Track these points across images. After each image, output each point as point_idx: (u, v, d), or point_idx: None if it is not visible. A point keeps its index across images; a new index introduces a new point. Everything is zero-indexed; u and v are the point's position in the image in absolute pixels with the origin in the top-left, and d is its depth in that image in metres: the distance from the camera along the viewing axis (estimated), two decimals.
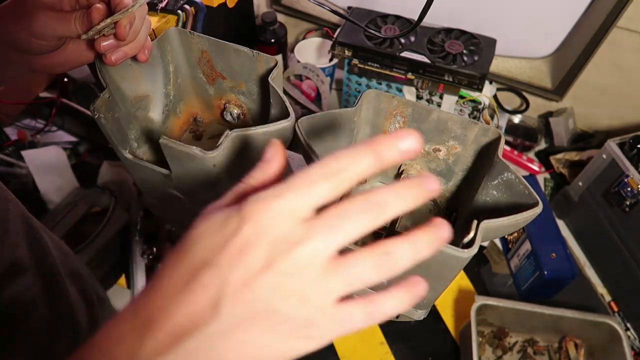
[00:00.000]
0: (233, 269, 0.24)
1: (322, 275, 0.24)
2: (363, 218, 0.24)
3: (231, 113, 0.59)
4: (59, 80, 1.19)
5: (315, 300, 0.24)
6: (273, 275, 0.24)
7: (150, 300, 0.25)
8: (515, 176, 0.41)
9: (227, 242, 0.24)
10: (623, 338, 0.80)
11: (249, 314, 0.24)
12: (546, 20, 1.04)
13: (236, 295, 0.24)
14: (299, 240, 0.24)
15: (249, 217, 0.24)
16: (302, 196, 0.24)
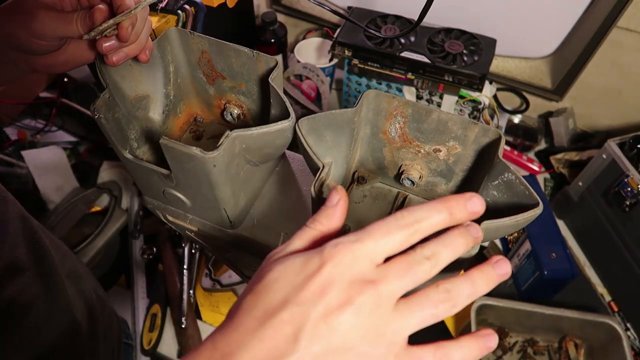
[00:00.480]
0: (314, 305, 0.25)
1: (395, 313, 0.26)
2: (425, 267, 0.27)
3: (231, 113, 0.59)
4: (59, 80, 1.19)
5: (389, 338, 0.26)
6: (351, 312, 0.25)
7: (229, 336, 0.26)
8: (516, 176, 0.41)
9: (309, 281, 0.26)
10: (623, 338, 0.80)
11: (326, 350, 0.25)
12: (546, 20, 1.04)
13: (315, 331, 0.25)
14: (376, 280, 0.26)
15: (330, 258, 0.26)
16: (379, 243, 0.27)
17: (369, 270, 0.26)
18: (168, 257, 0.96)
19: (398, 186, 0.56)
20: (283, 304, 0.25)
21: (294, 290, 0.26)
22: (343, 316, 0.25)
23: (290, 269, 0.27)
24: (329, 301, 0.25)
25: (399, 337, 0.26)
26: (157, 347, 0.88)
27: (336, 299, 0.25)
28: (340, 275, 0.25)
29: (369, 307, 0.25)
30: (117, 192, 1.07)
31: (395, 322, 0.26)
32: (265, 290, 0.26)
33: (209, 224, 0.57)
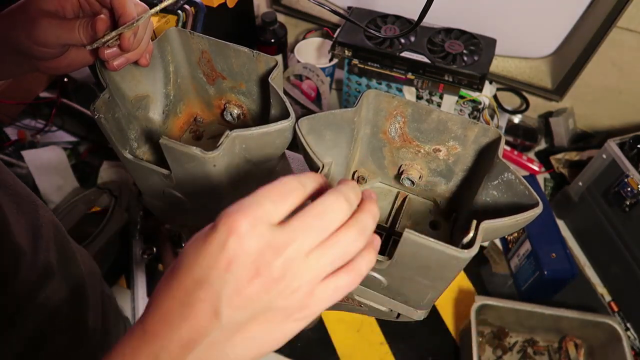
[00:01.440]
0: (225, 282, 0.26)
1: (305, 266, 0.27)
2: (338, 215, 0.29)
3: (231, 113, 0.59)
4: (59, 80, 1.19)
5: (304, 288, 0.28)
6: (262, 280, 0.26)
7: (156, 317, 0.27)
8: (516, 176, 0.41)
9: (216, 258, 0.26)
10: (623, 338, 0.80)
11: (247, 316, 0.27)
12: (546, 20, 1.04)
13: (232, 303, 0.26)
14: (281, 245, 0.26)
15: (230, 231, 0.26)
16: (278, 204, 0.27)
17: (270, 234, 0.27)
18: (168, 257, 0.96)
19: (398, 186, 0.56)
20: (198, 283, 0.26)
21: (204, 269, 0.26)
22: (254, 286, 0.26)
23: (200, 247, 0.27)
24: (237, 277, 0.26)
25: (313, 284, 0.28)
26: None
27: (245, 273, 0.26)
28: (244, 248, 0.26)
29: (277, 272, 0.26)
30: (117, 192, 1.07)
31: (307, 274, 0.27)
32: (178, 270, 0.28)
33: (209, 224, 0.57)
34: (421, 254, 0.38)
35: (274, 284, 0.27)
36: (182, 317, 0.26)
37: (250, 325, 0.27)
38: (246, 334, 0.27)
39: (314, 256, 0.28)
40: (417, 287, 0.44)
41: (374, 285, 0.47)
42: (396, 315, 0.53)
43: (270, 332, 0.28)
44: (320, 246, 0.28)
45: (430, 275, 0.41)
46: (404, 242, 0.37)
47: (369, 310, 0.54)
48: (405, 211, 0.54)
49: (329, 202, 0.28)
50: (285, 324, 0.28)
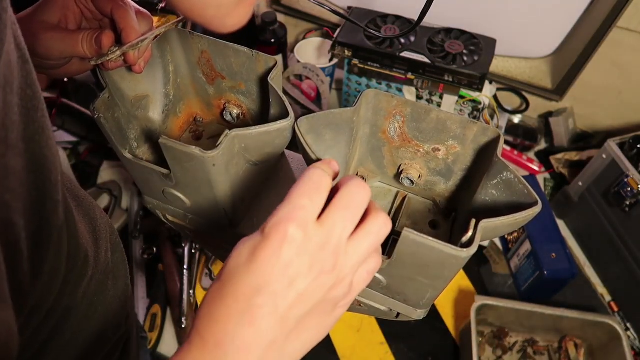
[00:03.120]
0: (282, 286, 0.28)
1: (348, 256, 0.30)
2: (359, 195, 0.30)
3: (231, 113, 0.59)
4: (59, 80, 1.19)
5: (349, 276, 0.30)
6: (317, 277, 0.28)
7: (215, 327, 0.28)
8: (515, 176, 0.41)
9: (271, 265, 0.28)
10: (623, 338, 0.80)
11: (304, 313, 0.29)
12: (546, 20, 1.04)
13: (291, 305, 0.28)
14: (327, 241, 0.29)
15: (280, 240, 0.28)
16: (314, 199, 0.29)
17: (317, 233, 0.28)
18: (168, 257, 0.96)
19: (397, 185, 0.56)
20: (255, 290, 0.28)
21: (260, 276, 0.28)
22: (310, 285, 0.28)
23: (252, 256, 0.28)
24: (294, 279, 0.28)
25: (356, 269, 0.31)
26: (157, 347, 0.88)
27: (301, 274, 0.28)
28: (298, 252, 0.28)
29: (329, 268, 0.29)
30: (117, 192, 1.07)
31: (352, 262, 0.30)
32: (230, 280, 0.29)
33: (209, 224, 0.57)
34: (420, 253, 0.38)
35: (327, 279, 0.29)
36: (242, 323, 0.28)
37: (305, 320, 0.29)
38: (302, 329, 0.30)
39: (353, 245, 0.30)
40: (417, 286, 0.44)
41: (374, 284, 0.47)
42: (396, 315, 0.53)
43: (322, 323, 0.31)
44: (357, 234, 0.30)
45: (430, 275, 0.41)
46: (403, 241, 0.37)
47: (369, 309, 0.54)
48: (405, 211, 0.55)
49: (353, 190, 0.30)
50: (334, 313, 0.31)
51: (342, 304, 0.32)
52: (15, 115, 0.24)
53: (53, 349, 0.37)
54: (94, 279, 0.42)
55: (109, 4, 0.42)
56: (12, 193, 0.24)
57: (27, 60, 0.27)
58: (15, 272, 0.26)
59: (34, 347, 0.35)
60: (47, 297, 0.33)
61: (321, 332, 0.31)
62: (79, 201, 0.43)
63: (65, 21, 0.43)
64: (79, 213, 0.42)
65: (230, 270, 0.29)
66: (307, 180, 0.30)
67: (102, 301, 0.44)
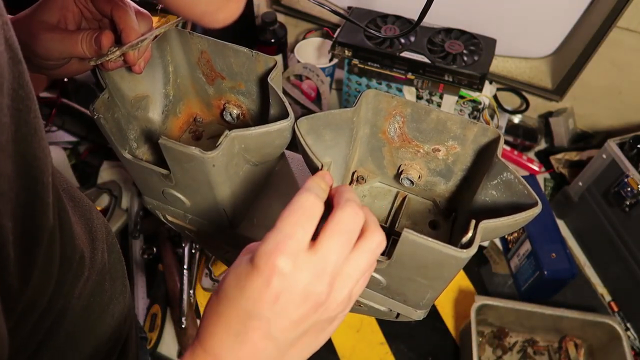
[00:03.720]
0: (273, 313, 0.28)
1: (344, 281, 0.30)
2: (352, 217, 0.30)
3: (231, 113, 0.59)
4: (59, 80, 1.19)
5: (346, 297, 0.30)
6: (310, 305, 0.29)
7: (215, 341, 0.30)
8: (515, 176, 0.41)
9: (261, 294, 0.28)
10: (623, 338, 0.80)
11: (299, 334, 0.30)
12: (546, 20, 1.04)
13: (284, 329, 0.29)
14: (320, 270, 0.28)
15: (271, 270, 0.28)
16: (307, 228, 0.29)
17: (309, 263, 0.28)
18: (168, 257, 0.96)
19: (397, 186, 0.56)
20: (248, 314, 0.28)
21: (251, 302, 0.28)
22: (303, 311, 0.29)
23: (243, 283, 0.29)
24: (286, 307, 0.28)
25: (350, 290, 0.31)
26: (157, 347, 0.88)
27: (292, 303, 0.28)
28: (288, 283, 0.28)
29: (323, 297, 0.29)
30: (117, 192, 1.07)
31: (349, 284, 0.30)
32: (225, 300, 0.30)
33: (209, 224, 0.57)
34: (420, 253, 0.38)
35: (320, 305, 0.29)
36: (238, 342, 0.29)
37: (302, 339, 0.30)
38: (298, 347, 0.31)
39: (350, 266, 0.30)
40: (416, 286, 0.44)
41: (374, 285, 0.47)
42: (395, 315, 0.53)
43: (319, 337, 0.32)
44: (353, 255, 0.30)
45: (429, 275, 0.41)
46: (403, 242, 0.37)
47: (369, 310, 0.54)
48: (405, 211, 0.54)
49: (349, 213, 0.30)
50: (330, 326, 0.32)
51: (340, 317, 0.32)
52: (5, 117, 0.24)
53: (49, 350, 0.37)
54: (90, 280, 0.41)
55: (109, 4, 0.42)
56: (1, 197, 0.24)
57: (20, 60, 0.26)
58: (2, 275, 0.25)
59: (29, 348, 0.35)
60: (39, 299, 0.33)
61: (318, 344, 0.32)
62: (75, 202, 0.43)
63: (65, 21, 0.42)
64: (75, 214, 0.42)
65: (225, 290, 0.30)
66: (298, 206, 0.29)
67: (99, 302, 0.44)
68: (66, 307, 0.38)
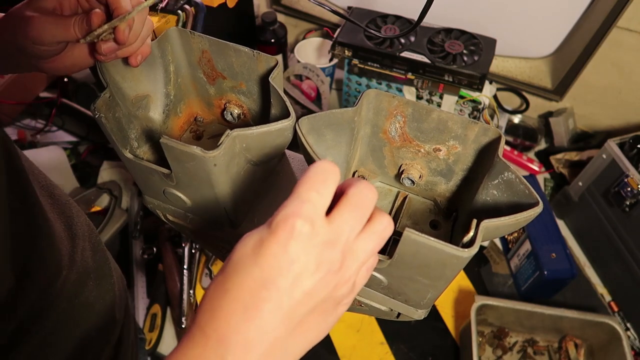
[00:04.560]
0: (288, 281, 0.27)
1: (355, 256, 0.29)
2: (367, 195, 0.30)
3: (231, 113, 0.59)
4: (59, 80, 1.19)
5: (354, 275, 0.30)
6: (324, 276, 0.28)
7: (218, 321, 0.28)
8: (516, 176, 0.41)
9: (278, 260, 0.27)
10: (623, 338, 0.80)
11: (308, 310, 0.29)
12: (546, 20, 1.04)
13: (296, 301, 0.28)
14: (335, 239, 0.28)
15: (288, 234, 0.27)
16: (322, 193, 0.28)
17: (325, 230, 0.28)
18: (168, 257, 0.96)
19: (398, 185, 0.56)
20: (261, 284, 0.27)
21: (266, 270, 0.27)
22: (316, 283, 0.28)
23: (258, 250, 0.28)
24: (300, 275, 0.27)
25: (359, 268, 0.30)
26: (157, 347, 0.88)
27: (308, 271, 0.28)
28: (305, 249, 0.27)
29: (336, 266, 0.28)
30: (117, 192, 1.07)
31: (358, 261, 0.30)
32: (234, 272, 0.28)
33: (209, 224, 0.57)
34: (421, 253, 0.38)
35: (333, 276, 0.29)
36: (246, 318, 0.27)
37: (309, 317, 0.29)
38: (305, 328, 0.29)
39: (360, 244, 0.30)
40: (417, 286, 0.44)
41: (374, 284, 0.47)
42: (396, 315, 0.53)
43: (325, 321, 0.31)
44: (363, 234, 0.30)
45: (430, 275, 0.41)
46: (404, 242, 0.37)
47: (369, 309, 0.54)
48: (406, 211, 0.54)
49: (364, 191, 0.29)
50: (336, 311, 0.31)
51: (345, 302, 0.32)
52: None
53: (26, 348, 0.37)
54: (69, 279, 0.41)
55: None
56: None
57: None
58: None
59: None
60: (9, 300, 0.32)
61: (323, 330, 0.31)
62: (54, 199, 0.43)
63: (61, 8, 0.43)
64: (54, 211, 0.41)
65: (235, 262, 0.28)
66: (314, 172, 0.29)
67: (83, 302, 0.44)
68: (42, 307, 0.37)
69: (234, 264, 0.28)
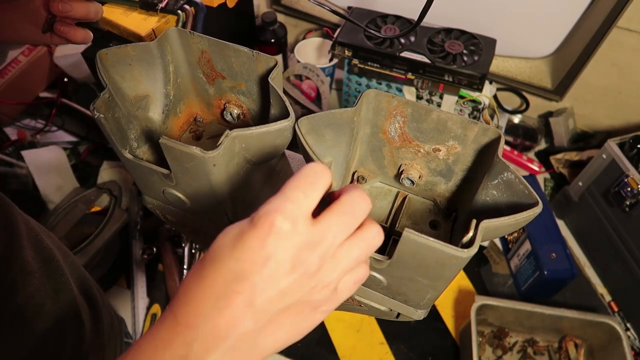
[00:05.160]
0: (262, 276, 0.27)
1: (336, 262, 0.29)
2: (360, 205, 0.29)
3: (231, 113, 0.59)
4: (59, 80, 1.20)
5: (334, 282, 0.29)
6: (299, 276, 0.28)
7: (189, 308, 0.28)
8: (515, 176, 0.41)
9: (254, 254, 0.27)
10: (623, 338, 0.80)
11: (280, 309, 0.28)
12: (546, 20, 1.04)
13: (268, 297, 0.27)
14: (317, 241, 0.28)
15: (268, 230, 0.27)
16: (309, 195, 0.28)
17: (307, 230, 0.27)
18: (168, 257, 0.96)
19: (398, 186, 0.56)
20: (235, 276, 0.27)
21: (242, 263, 0.27)
22: (290, 282, 0.28)
23: (237, 242, 0.28)
24: (275, 272, 0.27)
25: (342, 276, 0.30)
26: None
27: (282, 269, 0.27)
28: (283, 246, 0.27)
29: (313, 269, 0.28)
30: (117, 192, 1.07)
31: (339, 268, 0.29)
32: (212, 262, 0.28)
33: (209, 224, 0.57)
34: (421, 253, 0.38)
35: (308, 279, 0.28)
36: (217, 308, 0.27)
37: (281, 316, 0.29)
38: (276, 325, 0.29)
39: (343, 251, 0.29)
40: (417, 286, 0.44)
41: (374, 284, 0.47)
42: (396, 315, 0.53)
43: (298, 323, 0.30)
44: (349, 241, 0.29)
45: (430, 275, 0.41)
46: (403, 242, 0.37)
47: (369, 309, 0.54)
48: (405, 211, 0.54)
49: (357, 199, 0.29)
50: (313, 316, 0.30)
51: (323, 309, 0.31)
52: None
53: None
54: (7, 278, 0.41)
55: None
56: None
57: None
58: None
59: None
60: None
61: (297, 333, 0.30)
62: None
63: None
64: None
65: (213, 252, 0.29)
66: (304, 174, 0.29)
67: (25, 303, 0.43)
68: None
69: (212, 254, 0.28)
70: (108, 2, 0.70)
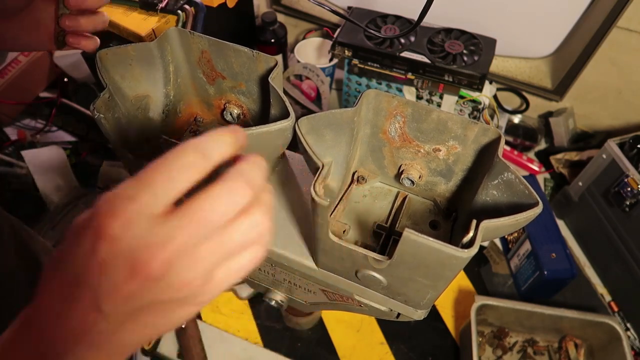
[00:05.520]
0: (99, 283, 0.25)
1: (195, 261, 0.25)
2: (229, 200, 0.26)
3: (231, 113, 0.59)
4: (59, 80, 1.20)
5: (199, 279, 0.26)
6: (140, 281, 0.24)
7: (41, 309, 0.27)
8: (515, 176, 0.41)
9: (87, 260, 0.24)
10: (623, 338, 0.80)
11: (133, 309, 0.25)
12: (546, 20, 1.04)
13: (111, 301, 0.25)
14: (160, 242, 0.24)
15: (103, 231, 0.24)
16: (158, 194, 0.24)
17: (147, 231, 0.24)
18: None
19: (398, 186, 0.56)
20: (75, 281, 0.25)
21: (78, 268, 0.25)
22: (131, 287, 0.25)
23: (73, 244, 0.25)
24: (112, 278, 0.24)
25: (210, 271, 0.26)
26: (157, 347, 0.88)
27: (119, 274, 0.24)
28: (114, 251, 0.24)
29: (156, 273, 0.24)
30: None
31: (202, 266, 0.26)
32: (57, 262, 0.26)
33: None
34: (421, 253, 0.38)
35: (155, 283, 0.25)
36: (64, 312, 0.25)
37: (140, 315, 0.26)
38: (138, 322, 0.26)
39: (206, 249, 0.25)
40: (417, 286, 0.44)
41: (374, 284, 0.47)
42: (396, 315, 0.53)
43: (165, 317, 0.27)
44: (215, 238, 0.25)
45: (430, 275, 0.41)
46: (403, 242, 0.37)
47: (369, 310, 0.54)
48: (405, 211, 0.54)
49: (224, 193, 0.26)
50: (182, 310, 0.27)
51: (195, 301, 0.27)
52: None
53: None
54: None
55: None
56: None
57: None
58: None
59: None
60: None
61: (165, 326, 0.28)
62: None
63: None
64: None
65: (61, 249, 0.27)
66: (170, 160, 0.25)
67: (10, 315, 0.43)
68: None
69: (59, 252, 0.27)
70: None
